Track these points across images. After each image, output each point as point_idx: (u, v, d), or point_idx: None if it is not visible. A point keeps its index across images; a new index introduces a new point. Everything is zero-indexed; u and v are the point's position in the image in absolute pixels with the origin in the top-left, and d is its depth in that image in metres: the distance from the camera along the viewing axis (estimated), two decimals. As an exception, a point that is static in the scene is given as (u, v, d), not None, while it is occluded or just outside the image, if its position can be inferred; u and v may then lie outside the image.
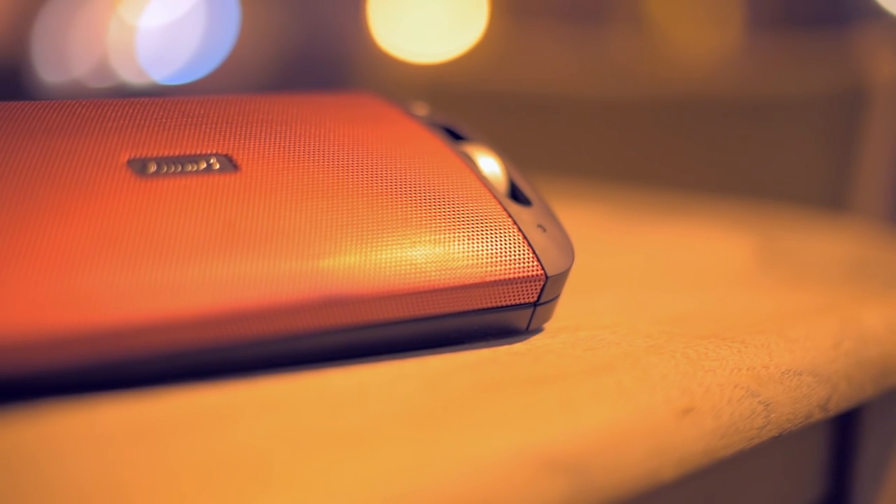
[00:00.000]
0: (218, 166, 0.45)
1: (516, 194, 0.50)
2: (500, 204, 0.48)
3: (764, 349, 0.49)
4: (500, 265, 0.46)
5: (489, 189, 0.49)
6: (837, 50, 1.41)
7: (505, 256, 0.46)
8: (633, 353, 0.47)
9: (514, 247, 0.47)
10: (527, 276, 0.46)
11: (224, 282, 0.40)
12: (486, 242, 0.46)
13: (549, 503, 0.37)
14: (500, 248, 0.46)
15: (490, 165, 0.51)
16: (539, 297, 0.47)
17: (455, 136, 0.53)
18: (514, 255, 0.46)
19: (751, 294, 0.62)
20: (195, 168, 0.44)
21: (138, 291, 0.38)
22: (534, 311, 0.48)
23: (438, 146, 0.50)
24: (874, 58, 1.31)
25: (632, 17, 2.91)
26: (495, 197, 0.48)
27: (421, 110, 0.54)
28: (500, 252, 0.46)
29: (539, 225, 0.48)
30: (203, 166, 0.44)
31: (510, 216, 0.48)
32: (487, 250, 0.46)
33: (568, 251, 0.49)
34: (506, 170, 0.51)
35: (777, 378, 0.48)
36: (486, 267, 0.46)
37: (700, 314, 0.55)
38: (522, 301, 0.47)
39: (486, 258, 0.46)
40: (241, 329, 0.40)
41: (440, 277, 0.44)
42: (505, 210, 0.48)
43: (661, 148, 1.43)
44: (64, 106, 0.46)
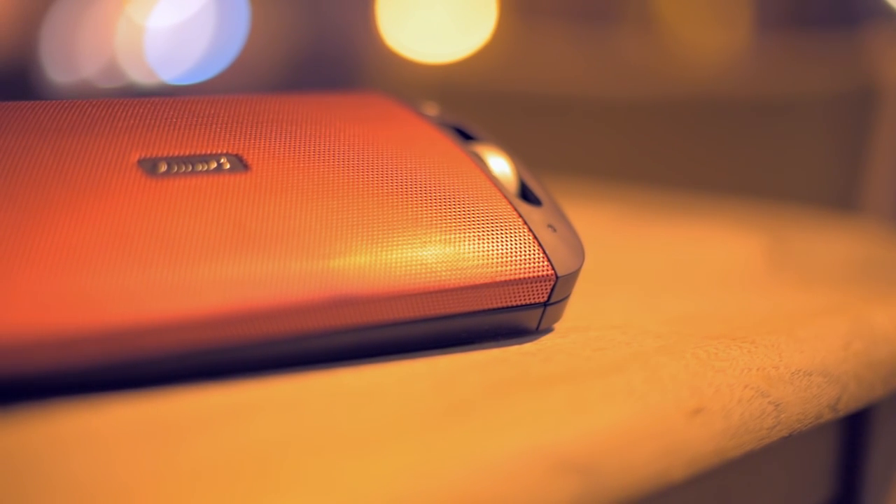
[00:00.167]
0: (228, 166, 0.45)
1: (526, 194, 0.50)
2: (511, 204, 0.48)
3: (774, 349, 0.49)
4: (511, 265, 0.46)
5: (499, 189, 0.49)
6: (847, 50, 1.41)
7: (515, 256, 0.46)
8: (644, 354, 0.47)
9: (525, 247, 0.47)
10: (537, 276, 0.46)
11: (234, 281, 0.40)
12: (497, 242, 0.46)
13: (559, 503, 0.37)
14: (511, 248, 0.46)
15: (500, 165, 0.51)
16: (549, 297, 0.47)
17: (465, 136, 0.53)
18: (525, 255, 0.46)
19: (760, 294, 0.62)
20: (206, 168, 0.44)
21: (149, 291, 0.38)
22: (544, 311, 0.48)
23: (449, 146, 0.50)
24: (884, 58, 1.31)
25: (641, 18, 2.91)
26: (505, 197, 0.48)
27: (431, 110, 0.54)
28: (511, 252, 0.46)
29: (549, 225, 0.48)
30: (213, 166, 0.44)
31: (520, 216, 0.48)
32: (498, 250, 0.46)
33: (578, 251, 0.49)
34: (516, 170, 0.51)
35: (787, 378, 0.48)
36: (497, 267, 0.46)
37: (710, 314, 0.55)
38: (533, 301, 0.47)
39: (497, 258, 0.46)
40: (252, 329, 0.40)
41: (451, 277, 0.44)
42: (515, 210, 0.48)
43: (671, 148, 1.43)
44: (74, 106, 0.46)
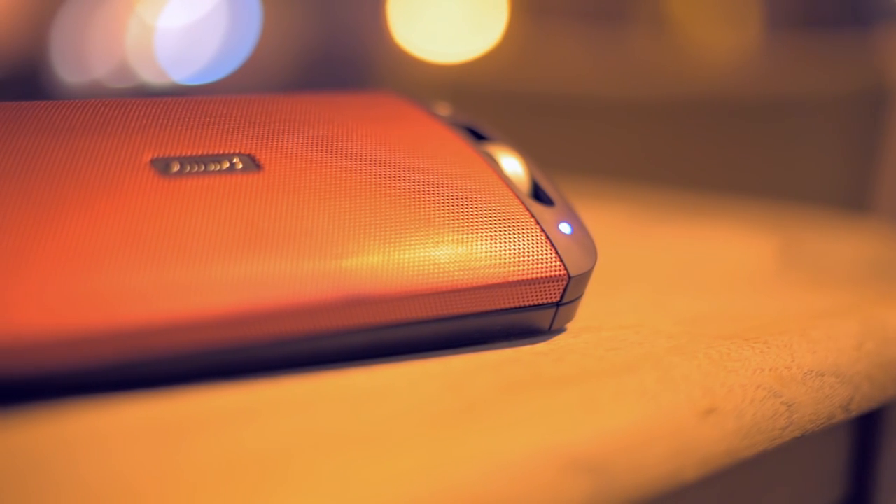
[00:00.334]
0: (241, 166, 0.45)
1: (539, 194, 0.50)
2: (523, 204, 0.48)
3: (786, 350, 0.49)
4: (523, 265, 0.46)
5: (512, 189, 0.49)
6: (858, 51, 1.41)
7: (528, 256, 0.46)
8: (656, 354, 0.46)
9: (537, 247, 0.47)
10: (550, 276, 0.46)
11: (247, 281, 0.40)
12: (509, 242, 0.46)
13: (572, 503, 0.37)
14: (523, 248, 0.46)
15: (513, 165, 0.51)
16: (562, 298, 0.47)
17: (477, 136, 0.53)
18: (537, 255, 0.46)
19: (772, 295, 0.62)
20: (218, 167, 0.44)
21: (161, 291, 0.39)
22: (556, 312, 0.48)
23: (461, 146, 0.50)
24: (894, 59, 1.31)
25: (652, 18, 2.91)
26: (518, 197, 0.48)
27: (443, 110, 0.54)
28: (523, 252, 0.46)
29: (562, 225, 0.48)
30: (226, 166, 0.44)
31: (533, 216, 0.48)
32: (510, 250, 0.46)
33: (591, 251, 0.49)
34: (528, 170, 0.51)
35: (799, 379, 0.48)
36: (509, 267, 0.46)
37: (722, 315, 0.55)
38: (545, 301, 0.47)
39: (509, 258, 0.46)
40: (264, 329, 0.40)
41: (463, 277, 0.44)
42: (528, 210, 0.48)
43: (682, 148, 1.43)
44: (87, 105, 0.46)
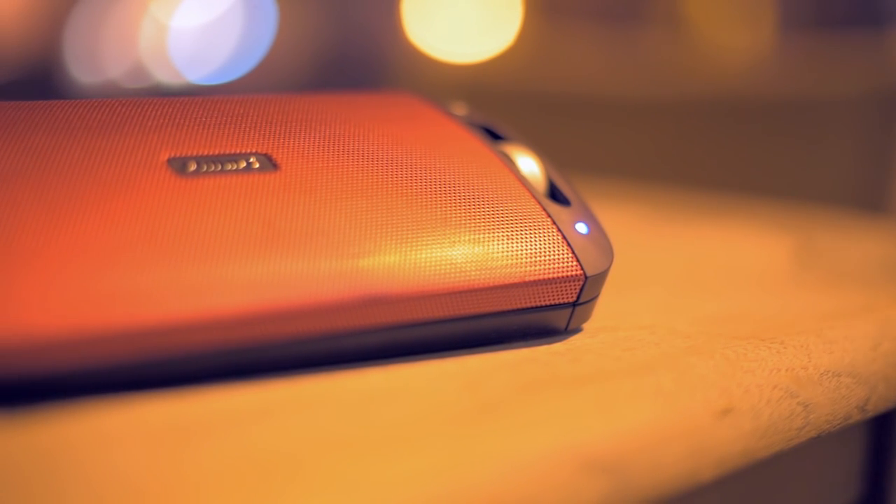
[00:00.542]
0: (257, 165, 0.45)
1: (555, 194, 0.50)
2: (540, 204, 0.48)
3: (803, 350, 0.49)
4: (540, 265, 0.46)
5: (528, 189, 0.48)
6: (871, 51, 1.41)
7: (544, 256, 0.46)
8: (672, 354, 0.46)
9: (554, 247, 0.47)
10: (566, 276, 0.46)
11: (263, 281, 0.40)
12: (526, 242, 0.46)
13: (588, 503, 0.37)
14: (540, 248, 0.46)
15: (529, 165, 0.51)
16: (578, 297, 0.47)
17: (494, 136, 0.53)
18: (554, 255, 0.46)
19: (789, 295, 0.62)
20: (235, 167, 0.44)
21: (177, 290, 0.39)
22: (573, 311, 0.47)
23: (477, 146, 0.50)
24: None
25: (666, 18, 2.91)
26: (534, 197, 0.48)
27: (460, 110, 0.54)
28: (540, 252, 0.46)
29: (578, 225, 0.48)
30: (243, 165, 0.44)
31: (549, 216, 0.48)
32: (527, 250, 0.46)
33: (607, 251, 0.49)
34: (545, 169, 0.51)
35: (816, 379, 0.48)
36: (526, 267, 0.46)
37: (738, 315, 0.55)
38: (562, 301, 0.47)
39: (526, 258, 0.46)
40: (281, 328, 0.40)
41: (480, 277, 0.44)
42: (544, 210, 0.48)
43: (697, 148, 1.42)
44: (104, 104, 0.46)
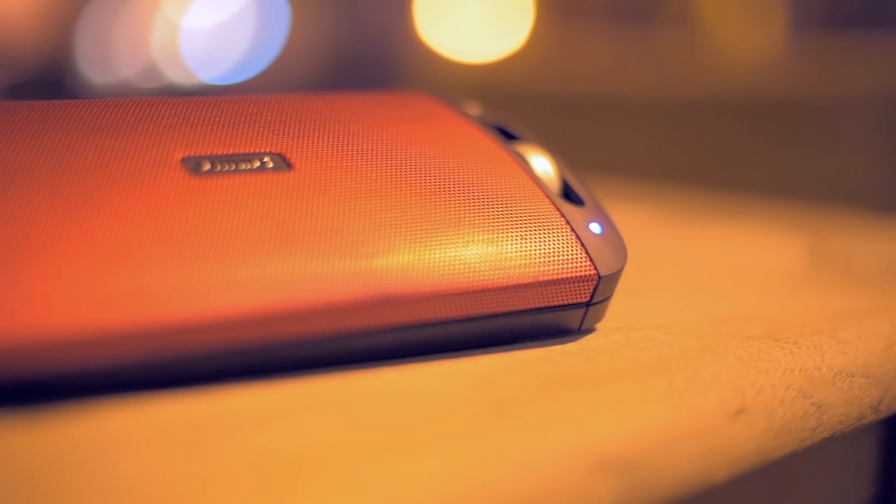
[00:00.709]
0: (271, 165, 0.45)
1: (569, 194, 0.50)
2: (553, 203, 0.48)
3: (816, 350, 0.49)
4: (553, 265, 0.46)
5: (542, 189, 0.48)
6: (884, 51, 1.41)
7: (558, 256, 0.46)
8: (686, 354, 0.46)
9: (567, 246, 0.47)
10: (580, 276, 0.46)
11: (276, 280, 0.40)
12: (540, 242, 0.46)
13: (602, 503, 0.37)
14: (554, 248, 0.46)
15: (543, 165, 0.51)
16: (592, 297, 0.47)
17: (508, 136, 0.53)
18: (567, 255, 0.46)
19: (802, 295, 0.62)
20: (249, 167, 0.44)
21: (191, 289, 0.39)
22: (586, 311, 0.47)
23: (491, 146, 0.50)
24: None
25: (679, 18, 2.90)
26: (548, 196, 0.48)
27: (473, 110, 0.54)
28: (554, 252, 0.46)
29: (591, 225, 0.48)
30: (256, 165, 0.44)
31: (563, 216, 0.48)
32: (540, 250, 0.46)
33: (621, 251, 0.49)
34: (558, 169, 0.51)
35: (829, 379, 0.48)
36: (540, 267, 0.46)
37: (752, 315, 0.55)
38: (575, 301, 0.47)
39: (539, 258, 0.46)
40: (294, 328, 0.40)
41: (493, 277, 0.44)
42: (558, 210, 0.48)
43: (710, 149, 1.42)
44: (117, 104, 0.46)
